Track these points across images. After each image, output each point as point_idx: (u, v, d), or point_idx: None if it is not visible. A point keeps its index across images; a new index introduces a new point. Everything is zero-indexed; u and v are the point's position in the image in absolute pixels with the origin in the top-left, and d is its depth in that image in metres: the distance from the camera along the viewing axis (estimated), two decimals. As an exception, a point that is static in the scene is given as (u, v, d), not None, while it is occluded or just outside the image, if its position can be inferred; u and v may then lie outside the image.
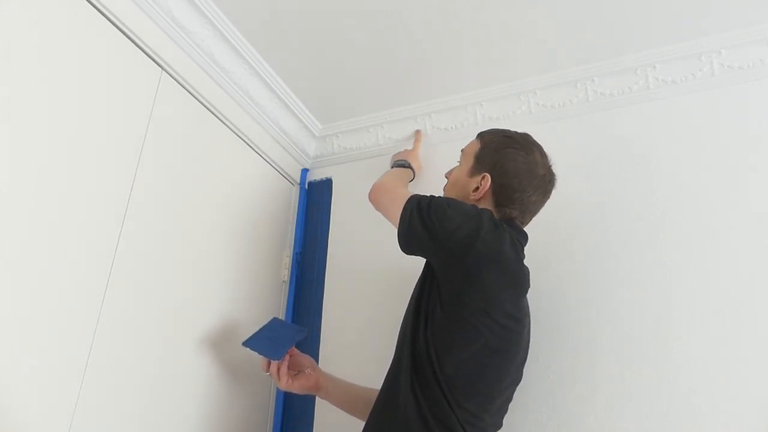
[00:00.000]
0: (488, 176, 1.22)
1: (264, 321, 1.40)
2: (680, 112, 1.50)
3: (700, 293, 1.30)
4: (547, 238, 1.47)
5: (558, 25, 1.47)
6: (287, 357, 1.30)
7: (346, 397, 1.35)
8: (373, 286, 1.57)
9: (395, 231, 1.25)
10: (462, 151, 1.33)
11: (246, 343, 1.30)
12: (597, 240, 1.44)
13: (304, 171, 1.94)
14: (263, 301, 1.65)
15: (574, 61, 1.58)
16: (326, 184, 1.90)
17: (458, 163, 1.32)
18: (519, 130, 1.30)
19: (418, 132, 1.75)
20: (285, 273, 1.77)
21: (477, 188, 1.23)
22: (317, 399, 1.58)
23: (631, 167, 1.49)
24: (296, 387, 1.31)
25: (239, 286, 1.55)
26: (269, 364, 1.29)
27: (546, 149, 1.60)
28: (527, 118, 1.66)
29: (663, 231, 1.39)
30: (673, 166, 1.44)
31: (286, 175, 1.85)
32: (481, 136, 1.31)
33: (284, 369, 1.29)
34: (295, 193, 1.90)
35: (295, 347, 1.35)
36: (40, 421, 0.98)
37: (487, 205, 1.22)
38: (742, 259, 1.29)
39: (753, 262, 1.28)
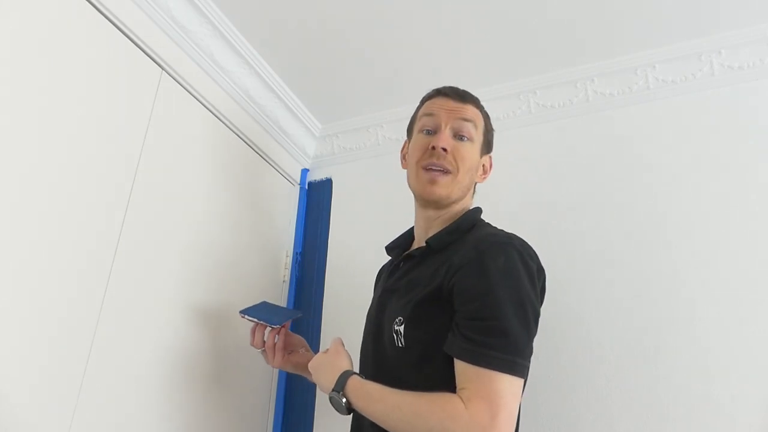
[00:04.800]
0: (491, 158, 1.20)
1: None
2: (680, 112, 1.50)
3: (700, 293, 1.30)
4: (546, 238, 1.47)
5: (558, 24, 1.47)
6: (283, 332, 1.26)
7: None
8: (372, 286, 1.56)
9: (395, 231, 1.25)
10: (468, 120, 1.11)
11: (244, 311, 1.26)
12: (596, 240, 1.44)
13: (304, 171, 1.94)
14: (263, 301, 1.65)
15: (574, 61, 1.58)
16: (326, 184, 1.90)
17: (465, 137, 1.11)
18: (519, 129, 1.28)
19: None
20: (285, 273, 1.77)
21: (483, 171, 1.18)
22: (317, 399, 1.58)
23: (631, 167, 1.49)
24: (290, 365, 1.26)
25: (239, 286, 1.55)
26: (263, 341, 1.25)
27: (546, 149, 1.62)
28: (527, 118, 1.67)
29: (662, 231, 1.39)
30: (673, 166, 1.44)
31: (286, 175, 1.85)
32: (477, 104, 1.16)
33: (280, 345, 1.24)
34: (295, 193, 1.90)
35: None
36: (41, 421, 0.98)
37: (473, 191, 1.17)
38: (743, 260, 1.29)
39: (753, 262, 1.28)
